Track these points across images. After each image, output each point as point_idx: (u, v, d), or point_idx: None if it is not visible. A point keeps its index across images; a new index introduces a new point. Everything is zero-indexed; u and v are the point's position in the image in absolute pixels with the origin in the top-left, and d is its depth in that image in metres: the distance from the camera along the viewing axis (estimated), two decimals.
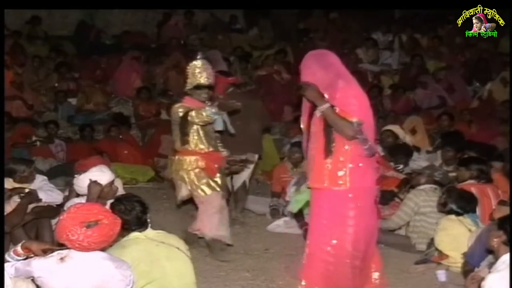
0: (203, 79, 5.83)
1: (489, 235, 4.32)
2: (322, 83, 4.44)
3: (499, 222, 4.25)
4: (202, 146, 5.88)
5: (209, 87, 5.91)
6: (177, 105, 5.90)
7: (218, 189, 5.89)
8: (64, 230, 3.54)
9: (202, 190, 5.86)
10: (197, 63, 5.89)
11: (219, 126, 5.82)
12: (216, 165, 5.92)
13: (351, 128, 4.34)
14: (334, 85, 4.42)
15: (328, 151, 4.43)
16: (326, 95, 4.46)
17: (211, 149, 5.93)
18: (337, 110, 4.38)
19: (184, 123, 5.79)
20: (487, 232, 4.95)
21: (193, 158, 5.87)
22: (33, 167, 6.07)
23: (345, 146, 4.43)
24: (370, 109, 4.52)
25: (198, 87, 5.83)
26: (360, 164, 4.46)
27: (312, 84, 4.43)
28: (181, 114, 5.79)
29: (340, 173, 4.43)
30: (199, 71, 5.85)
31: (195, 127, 5.82)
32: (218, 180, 5.92)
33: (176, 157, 5.98)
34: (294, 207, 5.18)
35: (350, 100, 4.41)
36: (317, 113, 4.50)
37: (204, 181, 5.85)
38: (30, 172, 5.82)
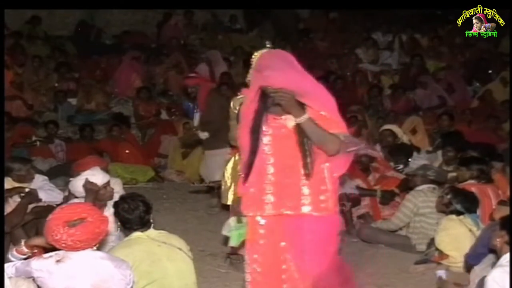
0: None
1: (491, 235, 4.32)
2: (291, 87, 3.63)
3: (502, 222, 4.25)
4: None
5: None
6: (236, 97, 5.34)
7: None
8: (49, 231, 3.56)
9: None
10: (263, 51, 5.45)
11: None
12: None
13: (337, 142, 3.65)
14: (302, 89, 3.65)
15: (308, 171, 3.67)
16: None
17: None
18: (306, 117, 3.63)
19: None
20: (487, 232, 4.95)
21: None
22: (29, 165, 6.05)
23: (321, 165, 3.71)
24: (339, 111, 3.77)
25: None
26: (337, 185, 3.83)
27: (288, 90, 3.60)
28: (238, 107, 5.15)
29: (322, 197, 3.70)
30: None
31: None
32: None
33: (237, 154, 5.42)
34: (237, 241, 4.11)
35: (327, 108, 3.68)
36: (289, 125, 3.68)
37: None
38: (27, 170, 5.82)
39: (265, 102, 3.71)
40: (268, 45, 5.36)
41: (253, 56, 5.39)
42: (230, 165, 5.57)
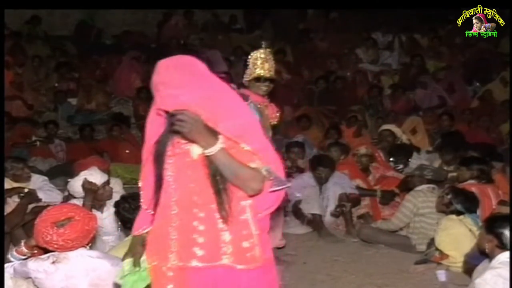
0: (264, 70, 5.22)
1: (480, 238, 4.30)
2: (197, 109, 2.74)
3: (487, 226, 4.23)
4: None
5: (270, 80, 5.31)
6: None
7: None
8: (39, 234, 3.57)
9: None
10: (260, 52, 5.26)
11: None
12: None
13: (259, 179, 2.81)
14: (215, 112, 2.77)
15: (224, 213, 2.82)
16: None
17: None
18: (221, 146, 2.76)
19: None
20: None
21: None
22: (22, 164, 6.05)
23: (241, 202, 2.87)
24: (263, 133, 2.97)
25: (258, 79, 5.24)
26: (266, 226, 3.01)
27: (192, 112, 2.72)
28: None
29: (246, 244, 2.86)
30: (261, 62, 5.23)
31: None
32: None
33: None
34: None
35: (249, 136, 2.81)
36: (194, 154, 2.83)
37: None
38: (21, 169, 5.82)
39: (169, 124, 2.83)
40: (263, 45, 5.43)
41: (249, 56, 5.47)
42: None
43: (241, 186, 2.81)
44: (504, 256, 4.04)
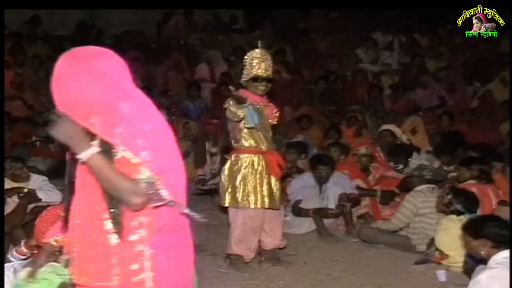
0: (261, 70, 5.28)
1: (474, 247, 4.26)
2: (90, 108, 2.43)
3: (474, 233, 4.19)
4: (256, 144, 5.41)
5: (268, 79, 5.37)
6: (228, 99, 5.29)
7: (264, 204, 5.40)
8: (39, 233, 3.58)
9: (247, 200, 5.37)
10: (256, 52, 5.33)
11: (250, 122, 5.24)
12: (278, 166, 5.47)
13: (138, 192, 2.40)
14: (111, 110, 2.45)
15: (116, 227, 2.49)
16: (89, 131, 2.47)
17: (271, 147, 5.48)
18: (120, 155, 2.42)
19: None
20: None
21: (254, 157, 5.36)
22: (20, 163, 6.04)
23: (140, 218, 2.49)
24: (172, 139, 2.64)
25: (256, 79, 5.31)
26: (168, 245, 2.57)
27: (64, 115, 2.44)
28: (241, 111, 5.24)
29: (134, 266, 2.49)
30: (257, 62, 5.29)
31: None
32: (275, 188, 5.46)
33: (233, 156, 5.48)
34: None
35: (142, 136, 2.47)
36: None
37: (258, 188, 5.35)
38: (19, 169, 5.82)
39: None
40: (260, 45, 5.44)
41: (246, 56, 5.48)
42: (227, 166, 5.55)
43: (119, 198, 2.44)
44: (501, 256, 4.04)
